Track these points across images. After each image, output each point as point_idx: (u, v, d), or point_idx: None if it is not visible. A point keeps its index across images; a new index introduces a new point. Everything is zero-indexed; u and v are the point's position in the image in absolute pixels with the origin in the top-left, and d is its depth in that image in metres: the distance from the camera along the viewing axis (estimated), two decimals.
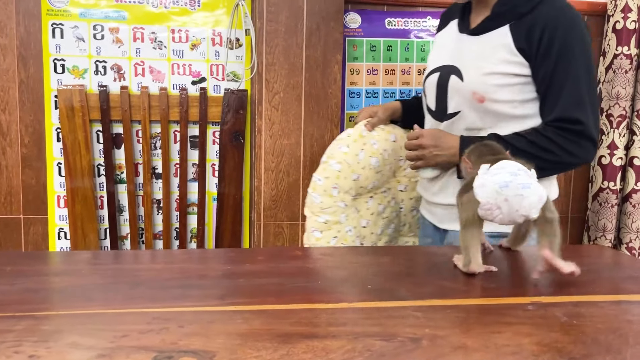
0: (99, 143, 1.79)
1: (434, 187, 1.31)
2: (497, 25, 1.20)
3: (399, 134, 1.48)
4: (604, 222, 2.01)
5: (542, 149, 1.14)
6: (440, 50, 1.34)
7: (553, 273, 0.86)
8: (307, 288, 0.83)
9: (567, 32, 1.14)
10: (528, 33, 1.15)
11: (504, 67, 1.17)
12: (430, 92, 1.30)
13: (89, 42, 1.76)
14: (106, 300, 0.76)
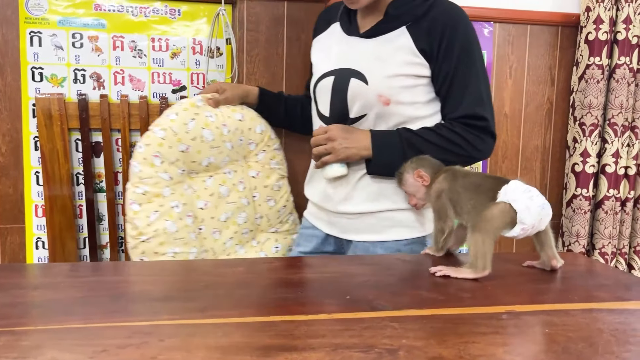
0: (77, 152, 1.78)
1: (338, 195, 1.26)
2: (392, 27, 1.20)
3: (248, 115, 1.41)
4: (577, 228, 2.06)
5: (452, 143, 1.19)
6: (327, 53, 1.30)
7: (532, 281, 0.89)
8: (287, 299, 0.84)
9: (466, 33, 1.19)
10: (428, 34, 1.17)
11: (406, 68, 1.18)
12: (323, 97, 1.26)
13: (68, 51, 1.75)
14: (85, 314, 0.76)
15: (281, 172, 1.60)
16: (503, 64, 2.12)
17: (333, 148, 1.20)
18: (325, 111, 1.27)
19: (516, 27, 2.11)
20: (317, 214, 1.36)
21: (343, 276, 0.98)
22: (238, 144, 1.40)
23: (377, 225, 1.26)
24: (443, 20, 1.18)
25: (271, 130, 1.58)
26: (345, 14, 1.29)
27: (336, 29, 1.31)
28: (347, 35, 1.27)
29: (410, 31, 1.19)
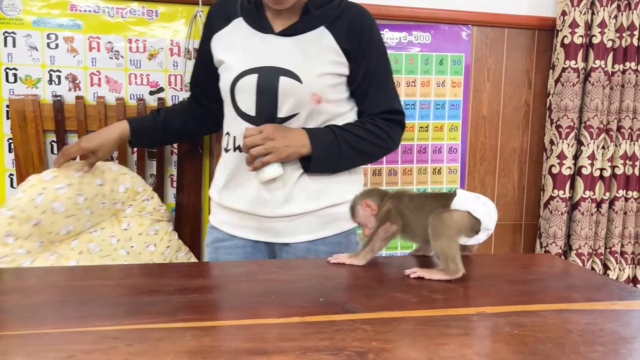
0: (53, 154, 1.76)
1: (276, 198, 1.23)
2: (311, 27, 1.21)
3: (109, 177, 1.50)
4: (554, 230, 2.09)
5: (378, 137, 1.25)
6: (240, 50, 1.24)
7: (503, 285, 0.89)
8: (260, 303, 0.83)
9: (379, 34, 1.27)
10: (348, 35, 1.22)
11: (332, 67, 1.22)
12: (245, 96, 1.21)
13: (43, 51, 1.72)
14: (55, 320, 0.75)
15: (155, 217, 1.64)
16: (481, 66, 2.14)
17: (274, 147, 1.16)
18: (249, 110, 1.21)
19: (494, 31, 2.13)
20: (241, 222, 1.27)
21: (318, 279, 0.98)
22: (100, 207, 1.49)
23: (317, 223, 1.26)
24: (360, 21, 1.23)
25: (139, 184, 1.62)
26: (248, 11, 1.24)
27: (241, 24, 1.25)
28: (261, 32, 1.22)
29: (330, 31, 1.21)
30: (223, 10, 1.29)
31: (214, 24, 1.30)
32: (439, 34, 2.05)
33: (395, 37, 2.01)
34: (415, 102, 2.06)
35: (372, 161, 1.35)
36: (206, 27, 1.34)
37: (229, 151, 1.27)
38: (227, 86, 1.24)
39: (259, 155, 1.17)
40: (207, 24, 1.33)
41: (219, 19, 1.29)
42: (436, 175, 2.11)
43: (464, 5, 2.06)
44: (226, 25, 1.28)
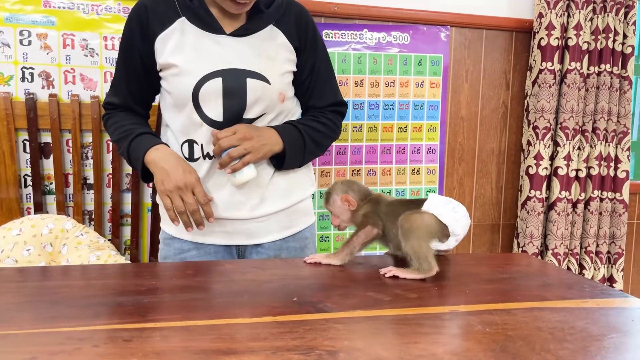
0: (25, 153, 1.72)
1: (252, 200, 1.21)
2: (261, 26, 1.20)
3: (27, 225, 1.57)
4: (531, 230, 2.11)
5: (331, 129, 1.29)
6: (195, 53, 1.15)
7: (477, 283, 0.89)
8: (232, 303, 0.82)
9: (318, 29, 1.29)
10: (297, 31, 1.23)
11: (288, 65, 1.23)
12: (211, 102, 1.15)
13: (15, 48, 1.69)
14: (19, 321, 0.73)
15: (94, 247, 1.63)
16: (459, 67, 2.15)
17: (252, 147, 1.13)
18: (216, 116, 1.16)
19: (472, 32, 2.14)
20: (209, 228, 1.21)
21: (293, 278, 0.97)
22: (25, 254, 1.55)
23: (287, 220, 1.27)
24: (304, 18, 1.25)
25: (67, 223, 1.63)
26: (192, 10, 1.16)
27: (186, 25, 1.16)
28: (211, 33, 1.16)
29: (280, 29, 1.22)
30: (156, 9, 1.17)
31: (152, 22, 1.16)
32: (417, 35, 2.06)
33: (374, 37, 2.02)
34: (394, 103, 2.06)
35: (323, 153, 1.36)
36: (139, 26, 1.17)
37: (198, 160, 1.20)
38: (186, 93, 1.15)
39: (238, 156, 1.13)
40: (140, 22, 1.17)
41: (155, 17, 1.16)
42: (415, 176, 2.12)
43: (443, 6, 2.07)
44: (168, 25, 1.16)
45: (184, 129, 1.19)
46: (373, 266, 1.07)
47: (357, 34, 2.00)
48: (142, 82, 1.21)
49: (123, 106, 1.23)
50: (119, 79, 1.22)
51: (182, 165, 1.12)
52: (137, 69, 1.20)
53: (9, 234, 1.54)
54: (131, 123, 1.20)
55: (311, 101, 1.29)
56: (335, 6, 1.93)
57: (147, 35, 1.17)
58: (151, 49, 1.17)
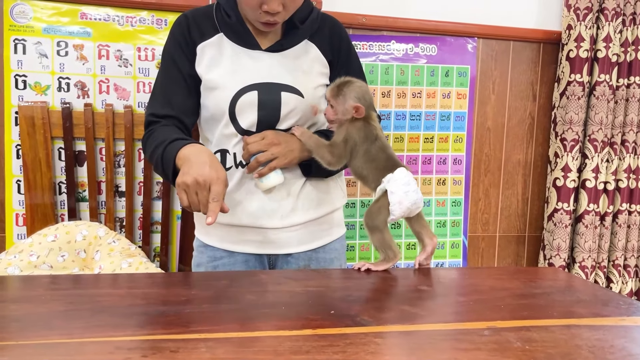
0: (60, 160, 1.77)
1: (283, 208, 1.22)
2: (297, 41, 1.23)
3: (61, 232, 1.61)
4: (558, 242, 2.09)
5: None
6: (231, 68, 1.19)
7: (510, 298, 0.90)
8: (271, 314, 0.84)
9: (350, 39, 1.32)
10: (331, 46, 1.26)
11: (321, 78, 1.26)
12: (248, 114, 1.18)
13: (52, 59, 1.74)
14: (67, 329, 0.75)
15: (125, 254, 1.65)
16: (486, 78, 2.15)
17: (279, 152, 1.16)
18: (250, 127, 1.20)
19: (499, 43, 2.14)
20: (241, 237, 1.25)
21: (327, 290, 0.99)
22: (59, 260, 1.59)
23: (319, 230, 1.28)
24: (338, 32, 1.28)
25: (100, 230, 1.67)
26: (231, 26, 1.20)
27: (224, 41, 1.20)
28: (248, 49, 1.20)
29: (315, 43, 1.25)
30: (197, 21, 1.22)
31: (193, 32, 1.21)
32: (445, 46, 2.07)
33: (402, 48, 2.03)
34: (420, 114, 2.07)
35: None
36: (182, 35, 1.21)
37: (230, 169, 1.23)
38: (223, 106, 1.18)
39: (265, 161, 1.16)
40: (182, 31, 1.21)
41: (196, 28, 1.21)
42: (441, 186, 2.12)
43: (470, 18, 2.08)
44: (207, 37, 1.20)
45: (218, 140, 1.23)
46: (404, 279, 1.08)
47: (384, 45, 2.01)
48: (185, 91, 1.22)
49: (168, 116, 1.20)
50: (161, 91, 1.22)
51: (211, 162, 1.04)
52: (180, 77, 1.21)
53: (44, 240, 1.58)
54: (170, 133, 1.16)
55: None
56: (363, 18, 1.95)
57: (189, 43, 1.20)
58: (192, 56, 1.21)
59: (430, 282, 1.12)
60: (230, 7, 1.19)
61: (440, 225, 2.13)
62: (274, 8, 1.09)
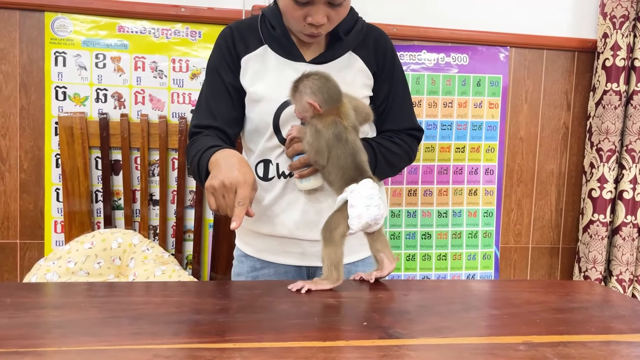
0: (97, 169, 1.81)
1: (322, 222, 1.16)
2: (341, 52, 1.22)
3: (98, 239, 1.68)
4: (594, 254, 2.04)
5: (405, 152, 1.29)
6: (276, 81, 1.19)
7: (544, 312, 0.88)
8: (304, 325, 0.84)
9: (396, 54, 1.30)
10: (375, 57, 1.25)
11: (365, 90, 1.25)
12: (290, 125, 1.18)
13: (91, 71, 1.79)
14: (107, 336, 0.77)
15: (159, 262, 1.67)
16: (519, 88, 2.13)
17: None
18: None
19: (532, 52, 2.12)
20: (282, 248, 1.26)
21: (360, 301, 0.99)
22: (96, 267, 1.63)
23: (357, 244, 1.26)
24: (382, 44, 1.27)
25: (133, 237, 1.70)
26: (275, 38, 1.21)
27: (268, 53, 1.21)
28: (292, 61, 1.20)
29: (359, 55, 1.24)
30: (242, 33, 1.23)
31: (238, 44, 1.22)
32: (476, 55, 2.05)
33: (433, 58, 2.02)
34: (452, 123, 2.06)
35: (396, 174, 1.36)
36: (226, 47, 1.22)
37: (272, 179, 1.23)
38: (267, 118, 1.20)
39: (307, 162, 1.15)
40: (227, 43, 1.22)
41: (241, 40, 1.22)
42: (472, 197, 2.10)
43: (502, 27, 2.06)
44: (252, 50, 1.22)
45: (261, 151, 1.23)
46: (436, 291, 1.07)
47: (415, 55, 2.01)
48: (228, 102, 1.22)
49: (211, 127, 1.20)
50: (205, 102, 1.23)
51: (239, 165, 1.02)
52: (224, 89, 1.22)
53: (81, 247, 1.62)
54: (209, 141, 1.16)
55: (386, 125, 1.30)
56: (394, 28, 1.95)
57: (233, 55, 1.22)
58: (237, 68, 1.22)
59: (462, 294, 1.11)
60: (274, 18, 1.20)
61: (472, 236, 2.10)
62: (319, 20, 1.10)
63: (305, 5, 1.09)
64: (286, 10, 1.13)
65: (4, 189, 1.77)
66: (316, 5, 1.09)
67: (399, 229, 2.05)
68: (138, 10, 1.78)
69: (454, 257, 2.09)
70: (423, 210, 2.07)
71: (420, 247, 2.06)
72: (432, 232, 2.07)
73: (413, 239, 2.06)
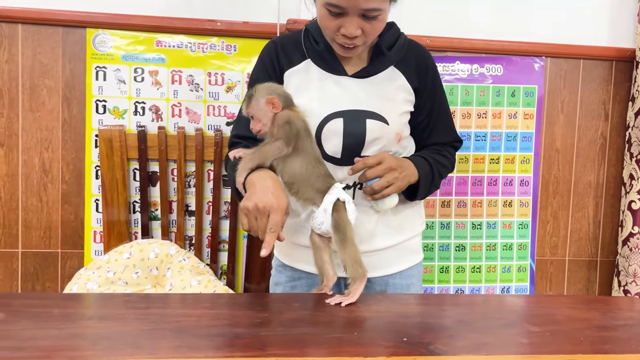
0: (135, 181, 1.85)
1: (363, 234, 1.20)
2: (383, 67, 1.23)
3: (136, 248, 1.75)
4: (634, 268, 1.99)
5: (451, 164, 1.33)
6: (318, 94, 1.21)
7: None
8: (343, 339, 0.85)
9: (436, 66, 1.31)
10: (417, 73, 1.25)
11: (406, 106, 1.25)
12: (333, 140, 1.19)
13: (130, 84, 1.84)
14: (152, 348, 0.78)
15: (194, 272, 1.69)
16: (554, 98, 2.10)
17: (395, 179, 1.15)
18: (335, 153, 1.20)
19: (568, 62, 2.09)
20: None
21: (398, 316, 0.98)
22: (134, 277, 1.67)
23: (396, 256, 1.28)
24: (424, 60, 1.27)
25: (171, 248, 1.74)
26: (318, 52, 1.22)
27: (311, 66, 1.23)
28: (334, 75, 1.22)
29: (401, 70, 1.24)
30: (285, 48, 1.25)
31: (281, 58, 1.24)
32: (511, 66, 2.03)
33: (467, 69, 2.01)
34: (486, 134, 2.04)
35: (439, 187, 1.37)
36: (270, 60, 1.25)
37: None
38: (314, 131, 1.18)
39: (382, 189, 1.15)
40: (270, 57, 1.25)
41: (284, 54, 1.24)
42: (507, 208, 2.07)
43: (537, 37, 2.04)
44: (295, 64, 1.24)
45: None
46: (475, 306, 1.06)
47: (449, 66, 2.00)
48: None
49: (251, 138, 1.20)
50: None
51: (274, 189, 1.04)
52: None
53: (120, 257, 1.66)
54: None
55: (432, 139, 1.31)
56: (428, 39, 1.95)
57: (276, 69, 1.24)
58: (280, 81, 1.23)
59: (500, 309, 1.09)
60: (318, 33, 1.20)
61: (507, 248, 2.07)
62: (351, 32, 1.10)
63: (339, 16, 1.10)
64: (321, 20, 1.14)
65: (47, 199, 1.83)
66: (350, 16, 1.09)
67: (432, 240, 2.04)
68: (176, 25, 1.82)
69: (488, 270, 2.07)
70: (457, 222, 2.05)
71: (453, 260, 2.04)
72: (466, 244, 2.04)
73: (447, 251, 2.04)
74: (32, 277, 1.85)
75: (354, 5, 1.07)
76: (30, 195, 1.83)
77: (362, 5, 1.07)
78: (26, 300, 1.01)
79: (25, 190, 1.83)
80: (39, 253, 1.84)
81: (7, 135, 1.81)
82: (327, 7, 1.09)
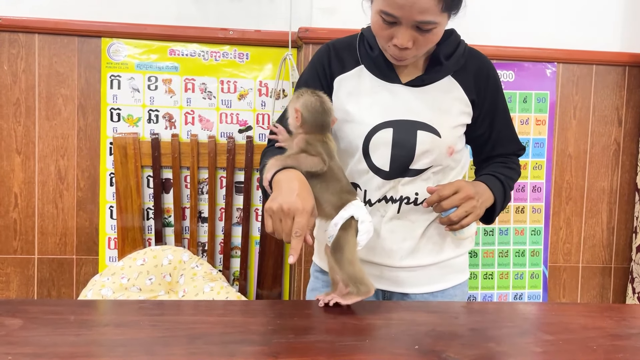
0: (149, 187, 1.87)
1: (403, 250, 1.20)
2: (440, 76, 1.17)
3: (149, 255, 1.76)
4: None
5: (517, 174, 1.30)
6: (368, 102, 1.17)
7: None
8: (356, 347, 0.85)
9: (498, 76, 1.25)
10: (476, 84, 1.19)
11: (462, 118, 1.19)
12: (380, 151, 1.16)
13: (144, 93, 1.86)
14: (167, 355, 0.79)
15: (207, 278, 1.71)
16: (567, 104, 2.09)
17: (473, 208, 1.12)
18: (382, 165, 1.17)
19: (580, 68, 2.08)
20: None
21: (410, 324, 0.99)
22: (148, 283, 1.69)
23: (438, 274, 1.24)
24: (485, 71, 1.21)
25: (184, 254, 1.76)
26: (372, 59, 1.18)
27: (364, 73, 1.19)
28: (387, 82, 1.17)
29: (458, 81, 1.18)
30: (339, 52, 1.22)
31: (334, 63, 1.21)
32: (522, 72, 2.03)
33: None
34: None
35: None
36: (322, 64, 1.22)
37: None
38: (358, 140, 1.17)
39: (459, 220, 1.12)
40: (322, 61, 1.22)
41: (338, 59, 1.21)
42: (519, 214, 2.06)
43: (548, 42, 2.03)
44: (348, 69, 1.20)
45: (349, 173, 1.19)
46: (488, 314, 1.06)
47: None
48: None
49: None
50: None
51: (300, 190, 0.99)
52: None
53: (134, 263, 1.68)
54: (280, 152, 1.14)
55: (494, 152, 1.27)
56: None
57: (327, 74, 1.21)
58: (329, 87, 1.20)
59: (512, 317, 1.09)
60: (373, 38, 1.16)
61: (519, 255, 2.06)
62: (403, 43, 1.06)
63: (392, 25, 1.06)
64: (374, 27, 1.10)
65: (62, 206, 1.85)
66: (403, 27, 1.05)
67: None
68: (188, 34, 1.85)
69: (500, 276, 2.06)
70: None
71: None
72: (479, 251, 2.04)
73: None
74: (48, 282, 1.87)
75: (408, 16, 1.03)
76: (47, 202, 1.86)
77: (416, 17, 1.03)
78: (43, 307, 1.03)
79: (41, 197, 1.86)
80: (55, 259, 1.86)
81: (24, 144, 1.84)
82: (381, 15, 1.05)
